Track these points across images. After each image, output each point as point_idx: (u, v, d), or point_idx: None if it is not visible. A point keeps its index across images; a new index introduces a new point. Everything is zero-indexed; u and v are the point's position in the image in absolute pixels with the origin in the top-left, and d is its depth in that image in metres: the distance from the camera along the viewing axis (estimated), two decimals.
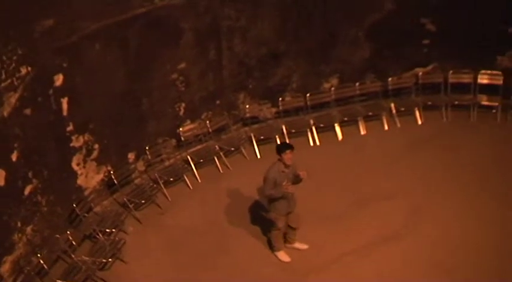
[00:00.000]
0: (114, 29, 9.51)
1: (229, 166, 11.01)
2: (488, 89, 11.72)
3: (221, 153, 11.03)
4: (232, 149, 11.16)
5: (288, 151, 8.36)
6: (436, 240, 9.16)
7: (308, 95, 11.66)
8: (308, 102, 11.67)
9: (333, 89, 11.85)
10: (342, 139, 11.46)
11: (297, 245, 9.20)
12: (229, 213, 10.01)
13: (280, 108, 11.66)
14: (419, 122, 11.74)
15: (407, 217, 9.59)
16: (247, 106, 11.56)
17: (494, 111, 11.68)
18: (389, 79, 11.92)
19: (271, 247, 9.17)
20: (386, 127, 11.67)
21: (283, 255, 9.11)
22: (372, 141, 11.33)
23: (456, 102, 11.75)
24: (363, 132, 11.62)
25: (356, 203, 9.86)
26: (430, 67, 12.12)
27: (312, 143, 11.42)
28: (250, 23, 10.96)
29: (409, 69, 12.11)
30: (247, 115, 11.59)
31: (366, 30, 11.70)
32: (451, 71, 11.82)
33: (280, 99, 11.65)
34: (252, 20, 10.95)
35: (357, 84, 11.85)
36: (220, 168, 10.96)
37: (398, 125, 11.70)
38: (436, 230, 9.32)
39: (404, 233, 9.32)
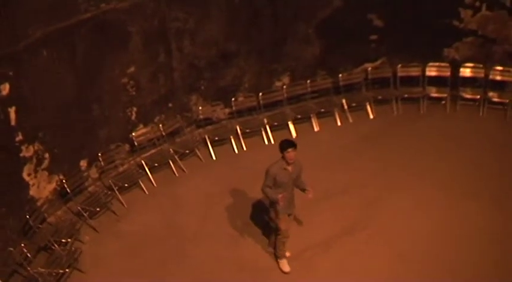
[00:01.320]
0: (60, 35, 9.33)
1: (184, 169, 10.93)
2: (436, 81, 11.98)
3: (176, 157, 10.95)
4: (187, 151, 11.10)
5: (290, 149, 8.07)
6: (393, 231, 9.29)
7: (260, 94, 11.69)
8: (261, 102, 11.70)
9: (284, 87, 11.91)
10: (296, 136, 11.50)
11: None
12: (187, 216, 9.93)
13: (234, 108, 11.65)
14: (371, 116, 11.90)
15: (364, 210, 9.70)
16: (200, 108, 11.50)
17: (443, 102, 11.94)
18: (340, 75, 12.05)
19: (276, 254, 8.92)
20: (339, 123, 11.79)
21: (284, 265, 8.84)
22: (325, 137, 11.43)
23: (406, 95, 11.98)
24: (316, 128, 11.71)
25: (313, 199, 9.87)
26: (378, 62, 12.31)
27: (266, 142, 11.44)
28: (199, 24, 10.92)
29: (359, 64, 12.26)
30: (201, 117, 11.53)
31: (314, 28, 11.80)
32: (399, 65, 12.03)
33: (233, 99, 11.63)
34: (200, 21, 10.91)
35: (308, 81, 11.94)
36: (175, 171, 10.87)
37: (351, 120, 11.83)
38: (392, 221, 9.45)
39: (362, 226, 9.41)
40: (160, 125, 11.06)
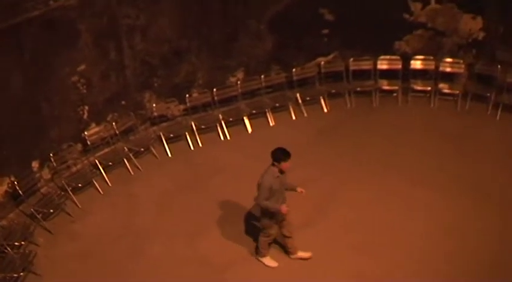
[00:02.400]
0: (7, 33, 9.12)
1: (139, 167, 10.81)
2: (388, 74, 12.13)
3: (130, 155, 10.82)
4: (142, 149, 10.98)
5: (288, 160, 8.00)
6: (350, 223, 9.36)
7: (215, 90, 11.64)
8: (215, 97, 11.65)
9: (239, 82, 11.89)
10: (252, 132, 11.53)
11: (301, 254, 8.85)
12: (143, 215, 9.83)
13: (188, 105, 11.58)
14: (325, 110, 11.99)
15: (321, 203, 9.76)
16: (154, 105, 11.38)
17: (395, 94, 12.11)
18: (293, 70, 12.10)
19: (257, 253, 8.86)
20: (294, 117, 11.84)
21: (269, 261, 8.79)
22: (281, 132, 11.43)
23: (358, 89, 12.11)
24: (271, 123, 11.73)
25: None
26: (331, 56, 12.40)
27: (222, 138, 11.42)
28: (150, 20, 10.81)
29: (312, 59, 12.33)
30: (155, 114, 11.42)
31: (267, 23, 11.81)
32: (351, 59, 12.14)
33: (187, 95, 11.55)
34: (151, 17, 10.81)
35: (262, 76, 11.95)
36: (130, 170, 10.75)
37: (305, 114, 11.89)
38: (349, 214, 9.53)
39: (319, 219, 9.47)
40: (114, 123, 10.91)
